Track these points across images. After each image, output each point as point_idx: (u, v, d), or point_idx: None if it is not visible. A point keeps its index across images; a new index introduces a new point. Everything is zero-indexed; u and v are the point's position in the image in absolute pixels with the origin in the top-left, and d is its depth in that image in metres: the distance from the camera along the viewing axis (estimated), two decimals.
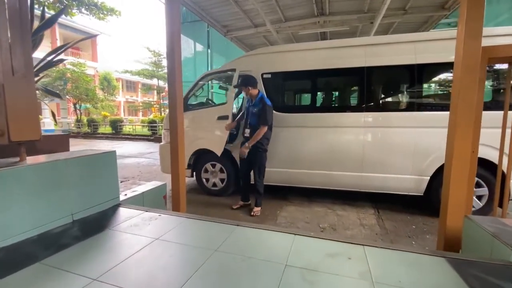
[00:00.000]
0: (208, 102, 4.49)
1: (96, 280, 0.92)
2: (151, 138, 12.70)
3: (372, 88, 3.21)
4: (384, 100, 3.50)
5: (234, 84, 3.25)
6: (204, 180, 3.77)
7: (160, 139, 4.50)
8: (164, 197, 2.28)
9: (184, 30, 9.46)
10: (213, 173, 3.72)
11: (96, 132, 15.43)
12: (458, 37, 1.45)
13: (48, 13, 4.42)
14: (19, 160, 1.28)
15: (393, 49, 3.04)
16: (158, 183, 2.23)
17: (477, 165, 1.66)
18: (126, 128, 15.56)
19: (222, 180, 3.69)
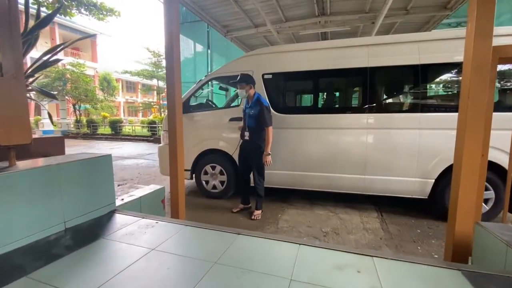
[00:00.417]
0: (213, 103, 4.42)
1: None
2: (151, 139, 12.64)
3: (375, 89, 3.14)
4: (388, 101, 3.44)
5: (235, 81, 3.05)
6: (203, 182, 3.70)
7: (159, 140, 4.44)
8: (163, 201, 2.21)
9: (184, 31, 9.42)
10: (213, 175, 3.66)
11: (95, 133, 15.36)
12: (467, 36, 1.38)
13: (44, 12, 4.36)
14: (8, 165, 1.22)
15: (396, 49, 2.98)
16: (157, 187, 2.17)
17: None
18: (126, 129, 15.51)
19: (222, 182, 3.62)
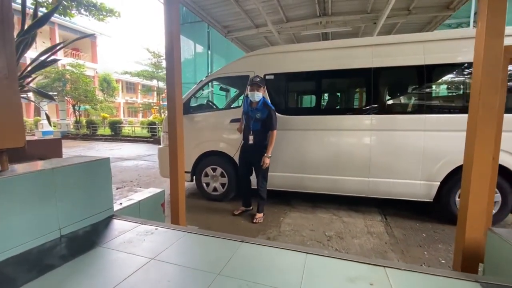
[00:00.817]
0: (214, 104, 4.37)
1: None
2: (151, 140, 12.57)
3: (379, 90, 3.08)
4: (392, 102, 3.38)
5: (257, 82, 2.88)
6: (204, 184, 3.64)
7: (159, 141, 4.39)
8: (162, 204, 2.15)
9: (184, 31, 9.37)
10: (213, 177, 3.59)
11: (95, 133, 15.29)
12: (477, 35, 1.33)
13: (42, 11, 4.31)
14: (0, 169, 1.16)
15: (401, 49, 2.92)
16: (156, 190, 2.10)
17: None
18: (126, 130, 15.44)
19: (223, 184, 3.56)
